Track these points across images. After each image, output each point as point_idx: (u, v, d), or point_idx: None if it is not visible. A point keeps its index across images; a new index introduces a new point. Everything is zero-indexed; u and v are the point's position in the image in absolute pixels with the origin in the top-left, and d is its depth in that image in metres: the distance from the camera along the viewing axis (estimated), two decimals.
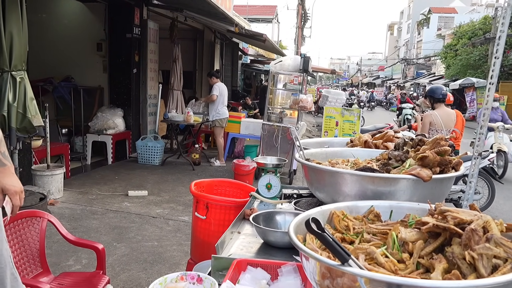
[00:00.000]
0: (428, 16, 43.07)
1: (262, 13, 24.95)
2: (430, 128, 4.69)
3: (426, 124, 4.71)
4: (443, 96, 4.78)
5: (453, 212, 1.06)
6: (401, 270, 1.00)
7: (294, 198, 2.37)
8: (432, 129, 4.69)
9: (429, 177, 1.49)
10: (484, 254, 0.91)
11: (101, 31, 7.74)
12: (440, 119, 4.67)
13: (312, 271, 1.06)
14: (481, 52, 23.81)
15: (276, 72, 6.94)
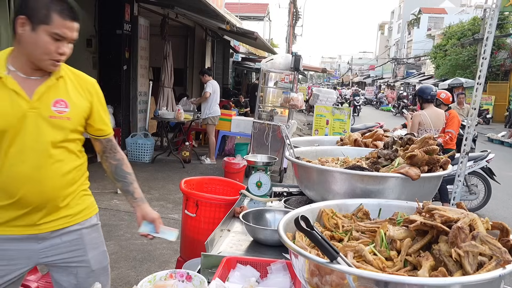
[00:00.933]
0: (419, 16, 43.43)
1: (253, 11, 24.93)
2: (419, 128, 4.77)
3: (415, 123, 4.79)
4: (432, 97, 4.87)
5: (440, 210, 1.07)
6: (389, 268, 1.01)
7: (284, 196, 2.38)
8: (421, 128, 4.77)
9: (418, 175, 1.50)
10: (470, 252, 0.93)
11: (91, 27, 7.66)
12: (429, 119, 4.75)
13: (301, 269, 1.07)
14: (470, 52, 24.10)
15: (267, 70, 6.94)
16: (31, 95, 1.44)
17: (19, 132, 1.43)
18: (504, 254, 0.92)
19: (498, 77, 23.06)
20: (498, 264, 0.91)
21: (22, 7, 1.38)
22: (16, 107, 1.41)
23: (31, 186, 1.46)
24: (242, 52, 17.90)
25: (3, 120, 1.40)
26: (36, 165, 1.46)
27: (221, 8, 9.46)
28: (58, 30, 1.39)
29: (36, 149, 1.46)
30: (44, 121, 1.46)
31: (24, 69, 1.44)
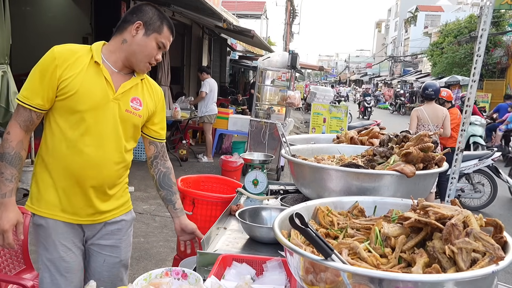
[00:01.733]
0: (415, 14, 43.48)
1: (251, 9, 24.88)
2: (418, 123, 4.96)
3: (413, 118, 5.01)
4: (426, 95, 5.06)
5: (435, 207, 1.07)
6: (383, 265, 1.02)
7: (281, 194, 2.38)
8: (419, 123, 4.96)
9: (413, 173, 1.51)
10: (463, 248, 0.93)
11: (87, 25, 7.64)
12: (426, 114, 4.93)
13: (296, 266, 1.07)
14: (467, 50, 24.14)
15: (264, 68, 6.94)
16: (117, 87, 1.60)
17: (98, 116, 1.57)
18: (497, 250, 0.93)
19: (495, 75, 23.12)
20: (491, 261, 0.91)
21: (139, 14, 1.60)
22: (103, 94, 1.57)
23: (96, 170, 1.60)
24: (239, 50, 17.87)
25: (90, 100, 1.54)
26: (102, 151, 1.60)
27: (218, 6, 9.44)
28: (164, 40, 1.62)
29: (107, 136, 1.60)
30: (121, 113, 1.62)
31: (117, 64, 1.61)
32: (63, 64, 1.52)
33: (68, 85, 1.52)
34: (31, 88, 1.53)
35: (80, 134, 1.56)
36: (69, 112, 1.55)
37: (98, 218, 1.69)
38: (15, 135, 1.54)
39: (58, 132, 1.57)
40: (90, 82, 1.55)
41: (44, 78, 1.52)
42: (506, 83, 21.87)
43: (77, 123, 1.56)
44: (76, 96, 1.53)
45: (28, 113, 1.55)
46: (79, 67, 1.54)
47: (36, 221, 1.64)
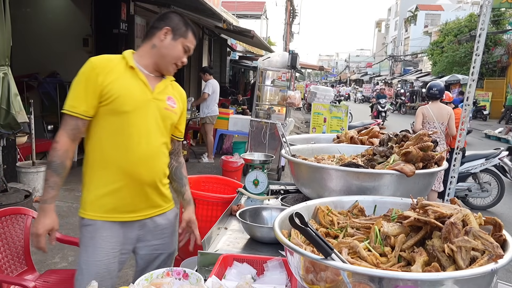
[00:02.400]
0: (415, 13, 43.45)
1: (250, 9, 24.89)
2: (423, 120, 5.06)
3: (419, 115, 5.11)
4: (431, 95, 5.16)
5: (434, 206, 1.08)
6: (383, 263, 1.02)
7: (281, 194, 2.39)
8: (425, 121, 5.05)
9: (412, 172, 1.51)
10: (462, 247, 0.94)
11: (87, 26, 7.63)
12: (432, 112, 5.02)
13: (296, 266, 1.07)
14: (467, 49, 24.12)
15: (264, 69, 6.94)
16: (153, 88, 1.73)
17: (141, 115, 1.68)
18: (496, 248, 0.93)
19: (495, 74, 23.11)
20: (491, 259, 0.92)
21: (167, 21, 1.73)
22: (143, 94, 1.69)
23: (148, 165, 1.71)
24: (239, 50, 17.88)
25: (133, 101, 1.66)
26: (151, 146, 1.71)
27: (217, 7, 9.45)
28: (189, 44, 1.76)
29: (154, 133, 1.72)
30: (160, 111, 1.74)
31: (148, 67, 1.74)
32: (102, 71, 1.63)
33: (110, 89, 1.63)
34: (75, 98, 1.64)
35: (129, 134, 1.67)
36: (115, 114, 1.66)
37: (153, 212, 1.81)
38: (62, 144, 1.64)
39: (106, 136, 1.67)
40: (130, 85, 1.67)
41: (87, 86, 1.63)
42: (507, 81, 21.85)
43: (123, 124, 1.66)
44: (120, 99, 1.64)
45: (75, 121, 1.64)
46: (117, 73, 1.66)
47: (84, 223, 1.72)
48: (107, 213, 1.69)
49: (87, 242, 1.71)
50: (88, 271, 1.69)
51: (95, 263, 1.70)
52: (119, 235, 1.73)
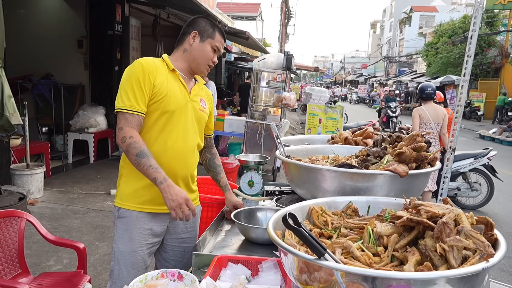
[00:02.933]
0: (410, 14, 43.67)
1: (246, 10, 24.91)
2: (420, 121, 5.11)
3: (415, 117, 5.14)
4: (426, 95, 5.20)
5: (426, 206, 1.09)
6: (376, 263, 1.03)
7: (276, 195, 2.39)
8: (422, 122, 5.11)
9: (406, 172, 1.52)
10: (454, 246, 0.94)
11: (82, 28, 7.61)
12: (428, 113, 5.09)
13: (290, 266, 1.08)
14: (461, 50, 24.25)
15: (259, 70, 6.95)
16: (189, 90, 1.87)
17: (181, 115, 1.81)
18: (488, 248, 0.94)
19: (489, 75, 23.27)
20: (482, 258, 0.93)
21: (194, 25, 1.85)
22: (183, 96, 1.83)
23: (182, 161, 1.84)
24: (234, 52, 17.86)
25: (176, 101, 1.79)
26: (186, 144, 1.84)
27: (212, 8, 9.45)
28: (217, 44, 1.86)
29: (190, 131, 1.86)
30: (196, 112, 1.88)
31: (184, 71, 1.87)
32: (152, 72, 1.75)
33: (160, 89, 1.75)
34: (134, 97, 1.72)
35: (169, 132, 1.79)
36: (161, 113, 1.77)
37: None
38: (136, 135, 1.71)
39: (149, 133, 1.78)
40: (173, 86, 1.80)
41: (141, 86, 1.72)
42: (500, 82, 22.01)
43: (166, 122, 1.79)
44: (166, 98, 1.76)
45: (137, 118, 1.73)
46: (163, 74, 1.78)
47: (121, 215, 1.83)
48: (142, 204, 1.81)
49: (122, 234, 1.82)
50: (125, 261, 1.81)
51: (131, 254, 1.81)
52: (151, 227, 1.83)
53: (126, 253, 1.82)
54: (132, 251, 1.82)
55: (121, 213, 1.83)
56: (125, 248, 1.82)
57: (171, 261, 1.96)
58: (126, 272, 1.81)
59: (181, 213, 1.65)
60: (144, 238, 1.83)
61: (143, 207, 1.82)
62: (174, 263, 1.96)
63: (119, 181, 1.89)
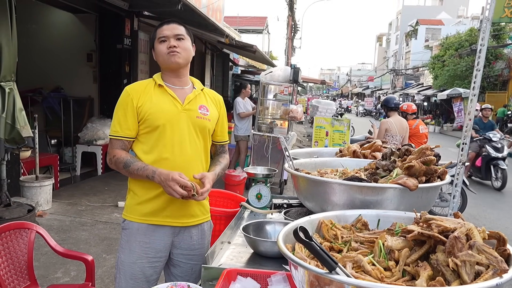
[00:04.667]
0: (416, 27, 43.81)
1: (252, 24, 25.15)
2: (386, 133, 5.24)
3: (382, 130, 5.30)
4: (395, 105, 5.47)
5: (437, 220, 1.08)
6: (387, 278, 1.02)
7: (284, 208, 2.38)
8: (388, 134, 5.24)
9: (415, 186, 1.52)
10: (467, 261, 0.94)
11: (92, 42, 7.73)
12: (395, 125, 5.26)
13: (301, 280, 1.07)
14: (468, 63, 24.21)
15: (266, 83, 6.99)
16: (182, 100, 1.87)
17: (173, 127, 1.82)
18: (501, 263, 0.93)
19: (496, 87, 23.16)
20: (495, 273, 0.92)
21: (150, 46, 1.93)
22: (173, 107, 1.84)
23: (184, 172, 1.77)
24: (241, 65, 18.02)
25: (165, 115, 1.81)
26: (184, 156, 1.84)
27: (220, 22, 9.56)
28: (160, 35, 1.84)
29: (187, 142, 1.85)
30: (193, 120, 1.87)
31: (171, 81, 1.89)
32: (136, 95, 1.82)
33: (143, 109, 1.81)
34: (118, 123, 1.83)
35: (163, 145, 1.82)
36: (151, 130, 1.82)
37: (189, 221, 1.91)
38: (118, 152, 1.82)
39: (146, 149, 1.83)
40: (160, 101, 1.83)
41: (126, 111, 1.81)
42: (508, 95, 21.89)
43: (158, 137, 1.82)
44: (152, 115, 1.80)
45: (120, 142, 1.83)
46: (148, 93, 1.84)
47: (124, 226, 1.89)
48: (144, 216, 1.84)
49: (124, 244, 1.88)
50: (124, 271, 1.85)
51: (130, 265, 1.85)
52: (153, 241, 1.85)
53: (126, 264, 1.86)
54: (131, 262, 1.85)
55: (125, 225, 1.89)
56: (125, 259, 1.87)
57: (179, 277, 1.96)
58: (125, 282, 1.85)
59: (176, 193, 1.69)
60: (144, 251, 1.85)
61: (144, 219, 1.85)
62: (181, 279, 1.95)
63: (127, 195, 1.94)
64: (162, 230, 1.86)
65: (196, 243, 1.96)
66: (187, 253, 1.95)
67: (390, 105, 5.46)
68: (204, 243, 2.01)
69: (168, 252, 1.92)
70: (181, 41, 1.83)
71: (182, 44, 1.84)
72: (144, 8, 7.92)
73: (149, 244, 1.85)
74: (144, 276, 1.85)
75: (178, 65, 1.85)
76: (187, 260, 1.95)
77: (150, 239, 1.85)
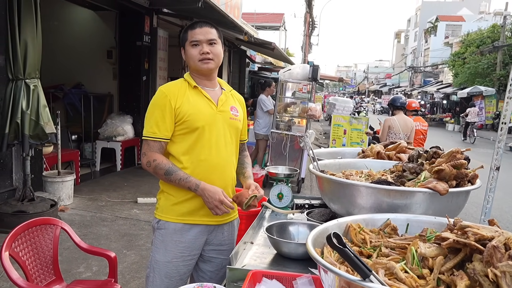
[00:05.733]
0: (436, 24, 43.02)
1: (269, 20, 25.08)
2: (389, 131, 5.33)
3: (385, 127, 5.39)
4: (401, 105, 5.54)
5: (473, 228, 1.06)
6: (422, 286, 1.00)
7: (306, 208, 2.37)
8: (391, 132, 5.32)
9: (446, 190, 1.49)
10: (507, 272, 0.91)
11: (112, 39, 7.82)
12: (398, 123, 5.32)
13: (330, 284, 1.06)
14: (490, 60, 23.68)
15: (285, 81, 6.96)
16: (216, 102, 1.90)
17: (211, 128, 1.85)
18: None
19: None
20: None
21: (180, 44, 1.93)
22: (210, 109, 1.87)
23: (218, 172, 1.87)
24: (258, 61, 17.99)
25: (204, 117, 1.84)
26: (221, 155, 1.88)
27: (238, 19, 9.55)
28: (193, 38, 1.84)
29: (223, 143, 1.88)
30: (227, 122, 1.91)
31: (203, 83, 1.91)
32: (173, 97, 1.83)
33: (182, 110, 1.82)
34: (156, 125, 1.82)
35: (201, 146, 1.85)
36: (189, 131, 1.84)
37: (223, 219, 1.95)
38: (159, 157, 1.82)
39: (183, 150, 1.85)
40: (197, 103, 1.85)
41: (164, 112, 1.81)
42: None
43: (197, 138, 1.84)
44: (191, 117, 1.82)
45: (158, 143, 1.83)
46: (185, 95, 1.85)
47: (160, 226, 1.90)
48: (180, 216, 1.87)
49: (159, 244, 1.89)
50: (159, 270, 1.88)
51: (165, 264, 1.87)
52: (188, 240, 1.88)
53: (161, 263, 1.88)
54: (167, 262, 1.88)
55: (160, 225, 1.90)
56: (160, 258, 1.89)
57: (208, 272, 2.00)
58: (160, 280, 1.88)
59: (219, 211, 1.78)
60: (180, 250, 1.88)
61: (181, 219, 1.88)
62: (210, 274, 1.99)
63: (159, 195, 1.95)
64: (198, 229, 1.90)
65: (226, 239, 2.01)
66: (218, 248, 1.98)
67: (396, 104, 5.59)
68: (233, 238, 2.06)
69: (201, 250, 1.95)
70: (213, 46, 1.85)
71: (215, 49, 1.85)
72: (164, 6, 7.97)
73: (185, 244, 1.88)
74: (178, 274, 1.89)
75: (210, 72, 1.88)
76: (217, 255, 1.99)
77: (186, 238, 1.88)
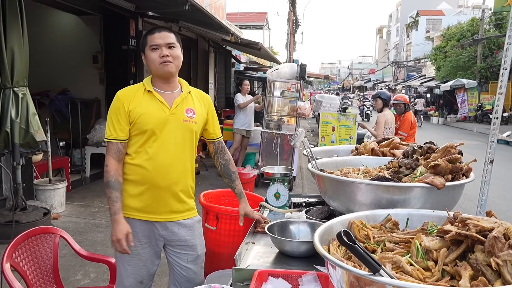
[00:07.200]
0: (416, 19, 43.59)
1: (253, 20, 25.07)
2: (385, 126, 5.46)
3: (382, 123, 5.52)
4: (389, 100, 5.75)
5: (474, 220, 1.11)
6: (428, 278, 1.05)
7: (303, 206, 2.41)
8: (386, 127, 5.46)
9: (443, 184, 1.54)
10: (508, 261, 0.96)
11: (97, 43, 7.74)
12: (391, 118, 5.54)
13: (339, 279, 1.10)
14: (470, 53, 24.12)
15: (273, 80, 7.00)
16: (170, 104, 1.97)
17: (161, 130, 1.94)
18: None
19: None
20: None
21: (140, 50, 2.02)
22: (161, 112, 1.94)
23: (163, 171, 1.95)
24: (243, 61, 17.99)
25: (154, 120, 1.93)
26: (168, 156, 1.96)
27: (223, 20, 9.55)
28: (153, 42, 1.92)
29: (172, 144, 1.96)
30: (180, 123, 1.97)
31: (160, 86, 1.99)
32: (126, 100, 1.94)
33: (134, 113, 1.93)
34: (112, 127, 1.95)
35: (149, 147, 1.94)
36: (140, 132, 1.94)
37: (173, 216, 2.03)
38: (111, 166, 1.94)
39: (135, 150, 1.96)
40: (149, 106, 1.94)
41: (118, 115, 1.93)
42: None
43: (147, 139, 1.94)
44: (141, 119, 1.92)
45: (115, 145, 1.94)
46: (138, 98, 1.95)
47: None
48: (134, 212, 1.99)
49: None
50: (121, 258, 2.02)
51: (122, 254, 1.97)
52: (144, 230, 2.01)
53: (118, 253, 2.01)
54: None
55: None
56: None
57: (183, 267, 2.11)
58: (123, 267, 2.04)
59: (116, 246, 1.89)
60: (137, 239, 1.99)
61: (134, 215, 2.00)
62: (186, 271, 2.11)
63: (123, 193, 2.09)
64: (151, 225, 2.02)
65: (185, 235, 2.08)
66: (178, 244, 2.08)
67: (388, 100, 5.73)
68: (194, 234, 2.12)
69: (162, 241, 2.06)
70: (172, 49, 1.93)
71: (174, 52, 1.93)
72: (150, 9, 7.92)
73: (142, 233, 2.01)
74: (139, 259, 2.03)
75: (170, 74, 1.96)
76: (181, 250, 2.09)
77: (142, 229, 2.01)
